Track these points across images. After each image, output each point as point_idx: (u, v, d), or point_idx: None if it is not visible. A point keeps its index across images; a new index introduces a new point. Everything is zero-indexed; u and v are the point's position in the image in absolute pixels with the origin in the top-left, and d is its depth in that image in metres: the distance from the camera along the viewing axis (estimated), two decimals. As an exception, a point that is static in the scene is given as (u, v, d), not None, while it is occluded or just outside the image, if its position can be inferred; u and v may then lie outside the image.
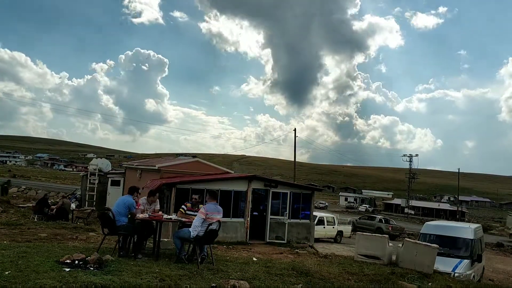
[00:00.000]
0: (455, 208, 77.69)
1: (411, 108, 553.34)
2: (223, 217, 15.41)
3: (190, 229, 7.34)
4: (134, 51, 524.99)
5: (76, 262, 6.00)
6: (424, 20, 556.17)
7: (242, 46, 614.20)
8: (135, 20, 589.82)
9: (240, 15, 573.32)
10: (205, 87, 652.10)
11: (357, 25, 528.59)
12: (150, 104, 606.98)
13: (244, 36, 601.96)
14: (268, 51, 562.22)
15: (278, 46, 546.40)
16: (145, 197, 8.50)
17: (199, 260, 7.21)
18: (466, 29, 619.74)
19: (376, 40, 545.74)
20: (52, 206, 16.54)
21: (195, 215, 7.69)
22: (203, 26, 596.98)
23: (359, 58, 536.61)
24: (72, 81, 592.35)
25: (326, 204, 71.10)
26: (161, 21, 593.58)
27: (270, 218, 17.40)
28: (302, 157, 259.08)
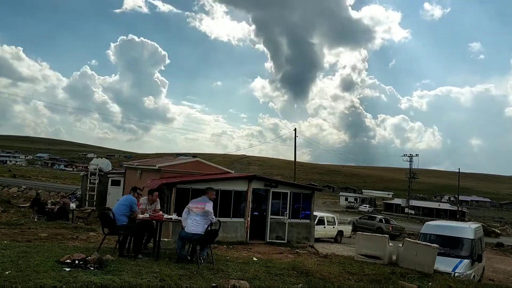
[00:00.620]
0: (455, 208, 77.65)
1: (414, 106, 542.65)
2: (224, 217, 15.52)
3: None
4: (122, 43, 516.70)
5: (76, 262, 6.00)
6: (432, 11, 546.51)
7: (239, 40, 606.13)
8: (121, 10, 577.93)
9: (234, 5, 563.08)
10: (201, 84, 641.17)
11: (361, 18, 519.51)
12: (149, 102, 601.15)
13: (240, 29, 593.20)
14: (267, 45, 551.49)
15: (278, 41, 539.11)
16: (146, 197, 8.54)
17: (199, 260, 7.22)
18: (473, 20, 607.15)
19: (380, 33, 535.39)
20: (52, 206, 16.54)
21: None
22: (195, 18, 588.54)
23: (362, 53, 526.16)
24: (65, 78, 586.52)
25: None
26: (147, 11, 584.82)
27: (270, 218, 17.40)
28: (302, 157, 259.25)
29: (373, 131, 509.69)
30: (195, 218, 7.39)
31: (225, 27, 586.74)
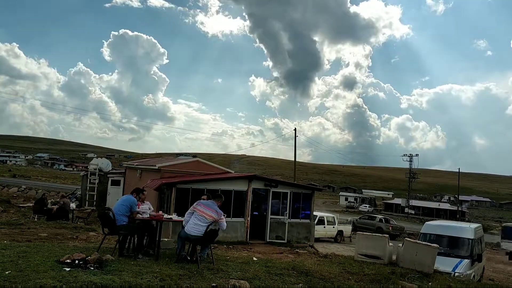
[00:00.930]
0: (455, 208, 77.65)
1: (414, 104, 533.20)
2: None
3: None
4: (116, 40, 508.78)
5: (76, 261, 5.99)
6: (435, 6, 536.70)
7: (236, 36, 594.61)
8: (111, 4, 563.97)
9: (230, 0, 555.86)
10: (197, 82, 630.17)
11: (361, 14, 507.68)
12: (148, 100, 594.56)
13: (237, 26, 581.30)
14: (265, 42, 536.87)
15: (276, 38, 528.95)
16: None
17: (199, 260, 7.20)
18: (475, 15, 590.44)
19: (380, 29, 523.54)
20: (52, 206, 16.54)
21: None
22: (188, 13, 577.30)
23: (365, 49, 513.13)
24: (62, 76, 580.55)
25: None
26: (139, 5, 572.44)
27: (270, 218, 17.40)
28: (302, 157, 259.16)
29: (375, 130, 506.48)
30: (197, 222, 7.24)
31: (220, 23, 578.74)
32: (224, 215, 7.57)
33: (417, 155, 75.79)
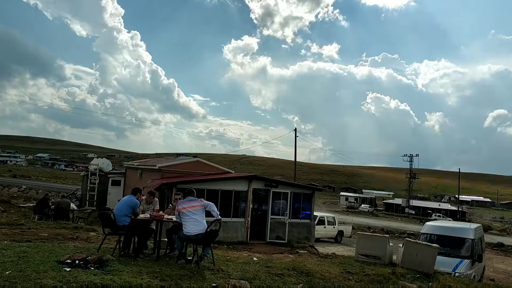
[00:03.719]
0: (455, 208, 77.61)
1: (413, 101, 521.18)
2: (224, 217, 15.51)
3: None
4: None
5: (77, 262, 6.00)
6: None
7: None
8: None
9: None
10: (196, 77, 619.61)
11: None
12: (148, 97, 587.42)
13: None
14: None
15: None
16: (145, 197, 8.54)
17: (199, 260, 7.20)
18: None
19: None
20: (52, 206, 16.54)
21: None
22: None
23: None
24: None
25: None
26: None
27: (271, 218, 17.40)
28: (303, 157, 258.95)
29: (373, 126, 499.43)
30: (194, 218, 7.25)
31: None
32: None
33: (417, 155, 75.78)
